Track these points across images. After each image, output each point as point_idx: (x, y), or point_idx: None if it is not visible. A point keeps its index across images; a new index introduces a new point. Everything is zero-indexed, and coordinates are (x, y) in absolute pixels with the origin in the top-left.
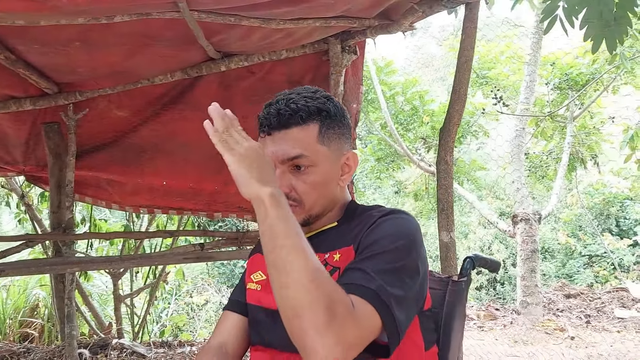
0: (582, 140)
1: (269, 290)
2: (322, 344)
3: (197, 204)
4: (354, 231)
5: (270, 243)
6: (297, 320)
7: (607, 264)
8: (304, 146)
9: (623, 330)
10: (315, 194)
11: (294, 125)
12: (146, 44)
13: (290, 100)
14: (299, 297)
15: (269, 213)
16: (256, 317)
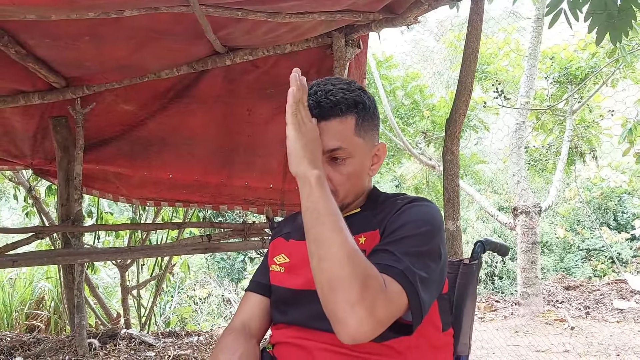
0: (581, 134)
1: (292, 272)
2: (354, 316)
3: (203, 196)
4: (378, 217)
5: (313, 219)
6: (332, 293)
7: (605, 257)
8: (342, 138)
9: (622, 321)
10: (349, 185)
11: (333, 117)
12: (154, 38)
13: (328, 92)
14: (336, 270)
15: (314, 192)
16: (280, 298)
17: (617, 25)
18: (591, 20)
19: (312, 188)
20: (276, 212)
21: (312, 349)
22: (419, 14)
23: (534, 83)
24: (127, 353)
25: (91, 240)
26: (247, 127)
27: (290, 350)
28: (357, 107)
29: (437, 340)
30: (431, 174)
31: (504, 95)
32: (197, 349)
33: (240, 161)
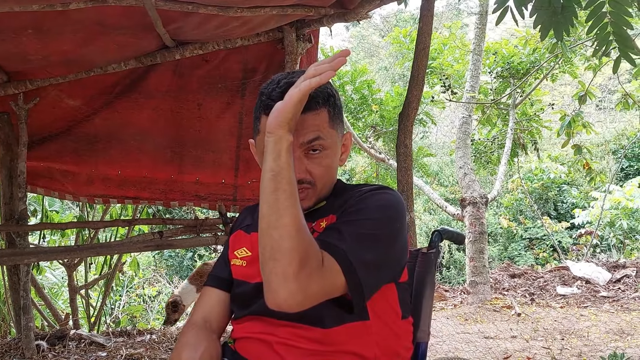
0: (524, 127)
1: (254, 265)
2: (285, 289)
3: (153, 192)
4: (339, 202)
5: (274, 182)
6: (271, 262)
7: (547, 246)
8: (319, 129)
9: (565, 306)
10: (327, 177)
11: (308, 110)
12: (101, 32)
13: None
14: (283, 241)
15: (282, 156)
16: (242, 291)
17: (560, 22)
18: (536, 17)
19: (281, 151)
20: (229, 207)
21: (273, 343)
22: (370, 9)
23: (479, 78)
24: (77, 354)
25: (36, 240)
26: (197, 122)
27: (252, 345)
28: (329, 100)
29: (398, 328)
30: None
31: (452, 89)
32: (150, 348)
33: (191, 156)
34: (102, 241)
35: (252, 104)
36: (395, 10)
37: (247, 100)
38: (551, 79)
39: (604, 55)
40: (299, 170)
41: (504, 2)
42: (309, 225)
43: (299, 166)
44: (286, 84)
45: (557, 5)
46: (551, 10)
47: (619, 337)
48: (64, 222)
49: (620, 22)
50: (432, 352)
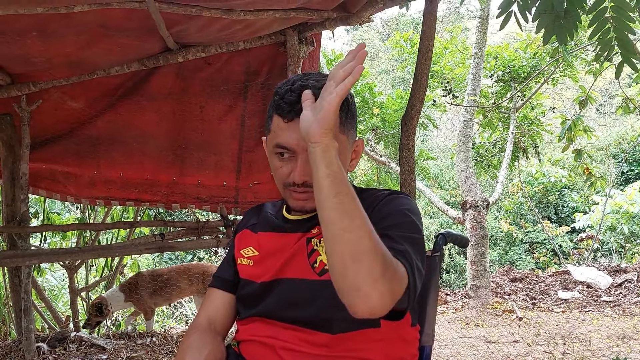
0: (524, 130)
1: (261, 264)
2: (376, 290)
3: (155, 195)
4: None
5: (334, 189)
6: (356, 265)
7: (547, 250)
8: None
9: (567, 310)
10: None
11: None
12: (105, 35)
13: (315, 88)
14: (363, 243)
15: (334, 162)
16: (249, 291)
17: (564, 26)
18: (539, 21)
19: (332, 158)
20: (230, 210)
21: (277, 347)
22: (373, 12)
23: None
24: (78, 356)
25: (37, 242)
26: (199, 124)
27: (256, 348)
28: (342, 105)
29: (407, 335)
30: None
31: (453, 93)
32: (151, 350)
33: (193, 159)
34: (104, 243)
35: (254, 107)
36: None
37: (249, 102)
38: (552, 83)
39: (606, 60)
40: (305, 172)
41: (507, 7)
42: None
43: (305, 169)
44: (301, 87)
45: (560, 10)
46: (554, 14)
47: (621, 342)
48: (65, 224)
49: (622, 28)
50: (434, 356)
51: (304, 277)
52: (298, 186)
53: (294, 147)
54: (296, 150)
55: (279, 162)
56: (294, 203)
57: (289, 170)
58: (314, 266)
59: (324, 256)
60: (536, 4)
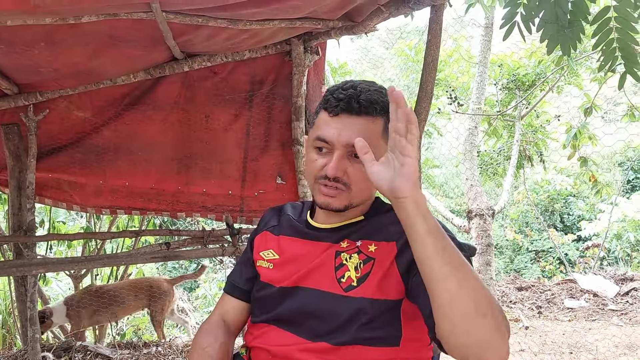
0: (529, 138)
1: (281, 269)
2: (503, 342)
3: (160, 204)
4: (389, 229)
5: (440, 242)
6: (481, 320)
7: (553, 258)
8: (369, 137)
9: (573, 319)
10: (364, 185)
11: (366, 115)
12: (112, 44)
13: (366, 90)
14: (481, 297)
15: (429, 215)
16: (266, 294)
17: (567, 37)
18: (543, 32)
19: (427, 211)
20: (235, 218)
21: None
22: (378, 22)
23: (485, 90)
24: None
25: (42, 250)
26: (204, 133)
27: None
28: (387, 112)
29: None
30: None
31: (458, 101)
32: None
33: (198, 168)
34: (109, 252)
35: (259, 116)
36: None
37: (254, 111)
38: (557, 91)
39: (609, 70)
40: (338, 167)
41: (511, 17)
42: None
43: (339, 164)
44: (351, 86)
45: (564, 20)
46: (558, 24)
47: (629, 351)
48: (71, 232)
49: (626, 38)
50: None
51: (328, 289)
52: (330, 180)
53: (333, 140)
54: (335, 145)
55: (315, 155)
56: (321, 198)
57: (323, 164)
58: (340, 281)
59: (352, 272)
60: (540, 14)
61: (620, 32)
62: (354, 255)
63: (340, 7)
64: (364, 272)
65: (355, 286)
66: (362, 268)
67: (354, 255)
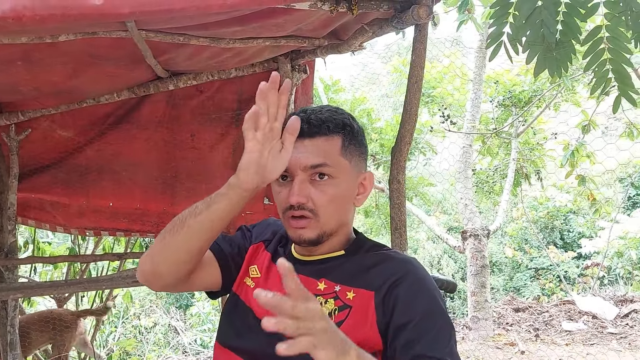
0: (526, 156)
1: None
2: None
3: (145, 224)
4: (370, 274)
5: None
6: None
7: (553, 276)
8: (327, 156)
9: (571, 343)
10: (332, 208)
11: (319, 135)
12: (92, 63)
13: (316, 111)
14: None
15: None
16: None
17: (556, 58)
18: (529, 53)
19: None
20: None
21: None
22: (363, 41)
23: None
24: None
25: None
26: (190, 152)
27: None
28: (344, 129)
29: None
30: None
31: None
32: None
33: (184, 188)
34: (94, 273)
35: None
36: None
37: (241, 130)
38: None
39: (602, 93)
40: (300, 193)
41: (497, 38)
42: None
43: (300, 189)
44: (302, 111)
45: (551, 41)
46: (545, 45)
47: None
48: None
49: (619, 59)
50: None
51: None
52: (295, 209)
53: (290, 167)
54: (293, 171)
55: (278, 187)
56: (292, 232)
57: (286, 194)
58: None
59: None
60: (526, 34)
61: (612, 52)
62: (330, 300)
63: (324, 26)
64: (338, 319)
65: None
66: (336, 315)
67: (330, 300)
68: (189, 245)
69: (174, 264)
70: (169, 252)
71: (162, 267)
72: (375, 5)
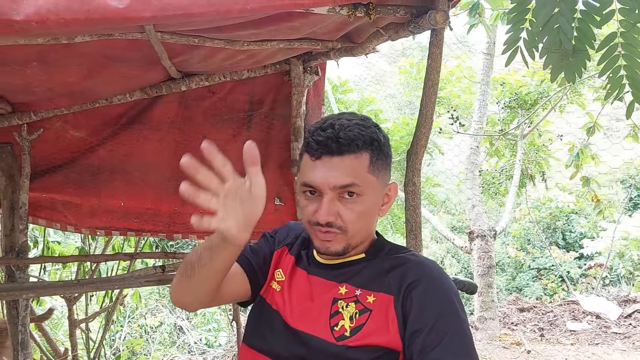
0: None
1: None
2: None
3: (156, 225)
4: (388, 277)
5: None
6: None
7: (555, 276)
8: (356, 175)
9: (576, 343)
10: (360, 224)
11: (348, 153)
12: (107, 65)
13: (345, 127)
14: None
15: None
16: (273, 324)
17: (571, 64)
18: (546, 59)
19: None
20: None
21: None
22: (378, 44)
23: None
24: None
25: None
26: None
27: None
28: (372, 145)
29: None
30: None
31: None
32: None
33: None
34: (104, 273)
35: (257, 136)
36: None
37: (252, 132)
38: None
39: (616, 99)
40: (329, 212)
41: (514, 43)
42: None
43: (330, 208)
44: (330, 125)
45: (568, 47)
46: (562, 51)
47: None
48: (64, 255)
49: (633, 65)
50: None
51: (322, 336)
52: (322, 226)
53: (319, 185)
54: (322, 189)
55: (305, 200)
56: (318, 243)
57: (314, 209)
58: (333, 329)
59: (347, 321)
60: (543, 40)
61: (627, 58)
62: (351, 304)
63: (338, 29)
64: (359, 322)
65: (348, 336)
66: (357, 318)
67: (350, 304)
68: (205, 286)
69: (197, 297)
70: (189, 290)
71: (187, 299)
72: (392, 10)
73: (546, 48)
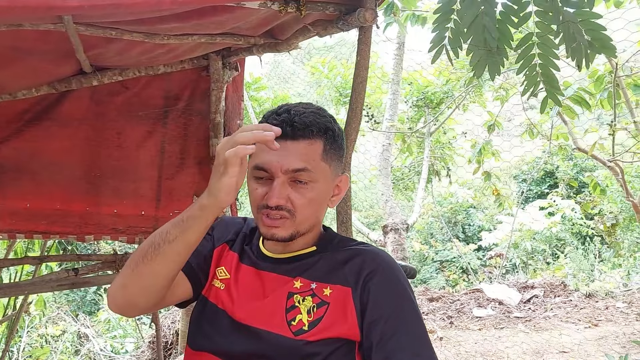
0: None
1: (230, 292)
2: None
3: (66, 226)
4: (344, 269)
5: None
6: None
7: (456, 267)
8: (309, 161)
9: (483, 328)
10: (309, 210)
11: (302, 138)
12: (16, 58)
13: (301, 113)
14: None
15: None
16: (219, 323)
17: (495, 61)
18: (472, 56)
19: None
20: None
21: None
22: (303, 40)
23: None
24: None
25: None
26: (116, 151)
27: None
28: (327, 133)
29: None
30: None
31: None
32: None
33: (109, 187)
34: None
35: (174, 133)
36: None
37: (169, 128)
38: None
39: (532, 95)
40: (279, 195)
41: (439, 42)
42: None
43: (281, 191)
44: (285, 111)
45: (492, 45)
46: (487, 49)
47: (536, 357)
48: None
49: (547, 64)
50: None
51: (279, 332)
52: (272, 209)
53: (272, 168)
54: (274, 172)
55: (255, 184)
56: (264, 229)
57: (264, 192)
58: (290, 323)
59: (304, 315)
60: (467, 39)
61: (542, 57)
62: (308, 297)
63: (262, 25)
64: (317, 316)
65: (307, 330)
66: (315, 312)
67: (307, 297)
68: (167, 271)
69: (151, 292)
70: (145, 281)
71: (139, 297)
72: (322, 7)
73: (472, 46)
